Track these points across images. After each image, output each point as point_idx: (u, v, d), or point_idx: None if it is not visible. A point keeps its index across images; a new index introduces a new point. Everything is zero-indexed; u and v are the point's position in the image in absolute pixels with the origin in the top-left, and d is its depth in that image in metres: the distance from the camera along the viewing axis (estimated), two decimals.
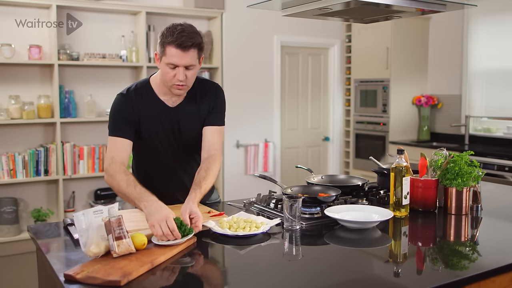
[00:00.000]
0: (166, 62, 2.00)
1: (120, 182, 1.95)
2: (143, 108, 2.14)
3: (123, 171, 1.99)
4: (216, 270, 1.63)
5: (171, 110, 2.17)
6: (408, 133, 5.81)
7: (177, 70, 2.01)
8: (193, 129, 2.22)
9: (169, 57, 1.99)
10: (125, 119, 2.11)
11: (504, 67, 5.19)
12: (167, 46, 1.98)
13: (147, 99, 2.15)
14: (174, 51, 1.97)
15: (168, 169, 2.28)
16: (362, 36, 5.90)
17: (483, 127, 5.44)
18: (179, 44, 1.96)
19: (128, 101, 2.13)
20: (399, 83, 5.67)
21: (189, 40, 1.97)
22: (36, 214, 4.36)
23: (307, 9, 2.15)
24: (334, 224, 2.00)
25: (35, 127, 4.50)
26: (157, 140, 2.19)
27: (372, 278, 1.56)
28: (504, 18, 5.18)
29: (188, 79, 2.04)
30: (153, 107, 2.15)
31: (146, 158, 2.30)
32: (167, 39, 1.98)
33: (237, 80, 5.39)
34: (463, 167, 2.14)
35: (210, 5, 5.07)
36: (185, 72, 2.02)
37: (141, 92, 2.15)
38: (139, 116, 2.13)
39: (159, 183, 2.24)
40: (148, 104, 2.15)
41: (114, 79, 4.76)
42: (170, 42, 1.96)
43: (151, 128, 2.16)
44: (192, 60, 2.01)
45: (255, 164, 5.56)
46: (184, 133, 2.21)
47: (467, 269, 1.58)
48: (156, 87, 2.17)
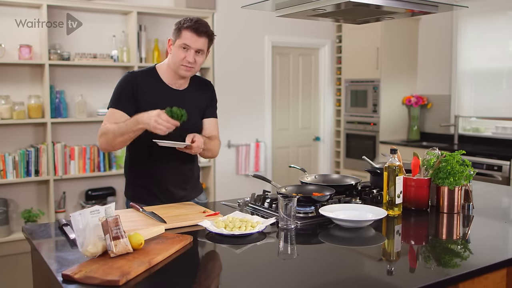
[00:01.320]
0: (180, 43, 2.21)
1: (113, 128, 2.17)
2: (148, 88, 2.29)
3: (114, 123, 2.20)
4: (213, 269, 1.64)
5: (175, 92, 2.34)
6: (398, 133, 5.85)
7: (189, 52, 2.21)
8: (194, 113, 2.35)
9: (183, 39, 2.21)
10: (127, 95, 2.26)
11: (493, 68, 5.25)
12: (183, 30, 2.21)
13: (153, 82, 2.32)
14: (189, 34, 2.20)
15: (164, 156, 2.33)
16: (353, 37, 5.94)
17: (472, 127, 5.50)
18: (195, 28, 2.19)
19: (133, 79, 2.29)
20: (389, 83, 5.71)
21: (203, 27, 2.22)
22: (27, 215, 4.33)
23: (301, 10, 2.16)
24: (328, 223, 2.02)
25: (26, 127, 4.47)
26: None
27: (366, 276, 1.58)
28: (492, 19, 5.24)
29: (196, 63, 2.25)
30: (158, 88, 2.32)
31: (144, 143, 2.28)
32: (184, 24, 2.21)
33: (228, 80, 5.39)
34: (455, 166, 2.17)
35: (202, 5, 5.07)
36: (195, 56, 2.22)
37: (147, 76, 2.33)
38: (143, 95, 2.27)
39: (154, 171, 2.34)
40: (154, 85, 2.31)
41: (105, 79, 4.74)
42: (187, 26, 2.20)
43: (154, 107, 2.19)
44: (203, 46, 2.23)
45: (247, 164, 5.57)
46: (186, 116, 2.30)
47: (459, 267, 1.60)
48: (162, 72, 2.35)
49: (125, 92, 2.26)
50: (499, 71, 5.20)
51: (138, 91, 2.26)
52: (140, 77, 2.30)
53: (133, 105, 2.25)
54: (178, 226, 1.96)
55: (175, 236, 1.76)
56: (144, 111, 2.17)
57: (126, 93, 2.26)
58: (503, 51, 5.17)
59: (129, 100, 2.25)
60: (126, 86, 2.27)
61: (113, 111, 2.25)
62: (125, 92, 2.26)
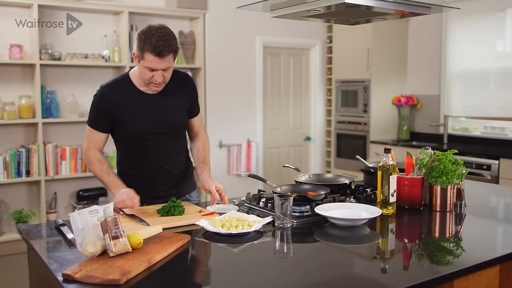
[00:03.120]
0: (145, 66, 2.14)
1: (96, 170, 2.29)
2: (123, 99, 2.26)
3: (98, 160, 2.30)
4: (211, 267, 1.65)
5: (150, 97, 2.29)
6: (388, 132, 5.90)
7: (155, 73, 2.15)
8: (175, 114, 2.35)
9: (147, 62, 2.12)
10: (101, 115, 2.27)
11: (481, 68, 5.32)
12: (145, 53, 2.10)
13: (126, 91, 2.28)
14: (152, 58, 2.10)
15: (150, 160, 2.36)
16: (343, 37, 5.98)
17: (461, 127, 5.57)
18: (157, 53, 2.08)
19: (106, 97, 2.25)
20: (379, 83, 5.76)
21: (166, 49, 2.09)
22: (18, 216, 4.31)
23: (295, 11, 2.18)
24: (323, 221, 2.04)
25: (17, 128, 4.44)
26: (139, 127, 2.29)
27: (361, 274, 1.60)
28: (480, 21, 5.30)
29: (165, 77, 2.20)
30: (133, 98, 2.27)
31: (129, 149, 2.38)
32: (145, 45, 2.09)
33: (219, 80, 5.40)
34: (448, 165, 2.21)
35: (193, 5, 5.08)
36: (163, 73, 2.17)
37: (120, 87, 2.28)
38: (120, 110, 2.25)
39: (140, 172, 2.36)
40: (128, 96, 2.27)
41: (96, 79, 4.73)
42: (148, 49, 2.08)
43: (133, 119, 2.27)
44: (169, 63, 2.16)
45: (238, 164, 5.58)
46: (167, 118, 2.32)
47: (452, 264, 1.63)
48: (136, 80, 2.29)
49: (99, 112, 2.27)
50: (488, 72, 5.26)
51: (113, 107, 2.24)
52: (113, 91, 2.26)
53: (109, 121, 2.27)
54: (175, 226, 1.97)
55: (172, 236, 1.77)
56: (123, 123, 2.25)
57: (101, 113, 2.27)
58: (491, 51, 5.24)
59: (104, 118, 2.27)
60: (98, 105, 2.27)
61: (92, 131, 2.31)
62: (98, 112, 2.27)
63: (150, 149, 2.33)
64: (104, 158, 2.34)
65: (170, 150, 2.39)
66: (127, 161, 2.40)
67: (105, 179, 2.26)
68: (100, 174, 2.28)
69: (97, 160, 2.30)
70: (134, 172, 2.37)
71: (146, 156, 2.35)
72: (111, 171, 2.29)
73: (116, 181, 2.24)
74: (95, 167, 2.29)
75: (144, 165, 2.36)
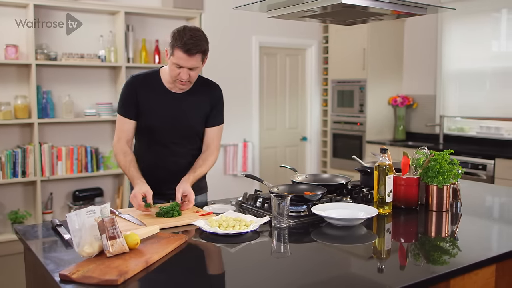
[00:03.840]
0: (173, 61, 2.22)
1: (120, 163, 2.36)
2: (148, 94, 2.35)
3: (123, 153, 2.36)
4: (208, 267, 1.65)
5: (174, 96, 2.37)
6: (384, 132, 5.92)
7: (182, 70, 2.23)
8: (192, 117, 2.41)
9: (176, 59, 2.20)
10: (129, 102, 2.36)
11: (476, 69, 5.34)
12: (175, 49, 2.19)
13: (153, 86, 2.37)
14: (181, 55, 2.18)
15: (159, 156, 2.42)
16: (339, 37, 5.99)
17: (457, 127, 5.59)
18: (186, 50, 2.16)
19: (133, 86, 2.37)
20: (375, 83, 5.77)
21: (195, 48, 2.17)
22: (13, 216, 4.29)
23: (292, 11, 2.19)
24: (320, 221, 2.05)
25: (12, 128, 4.43)
26: (155, 122, 2.36)
27: (358, 274, 1.61)
28: (476, 21, 5.32)
29: (191, 77, 2.27)
30: (158, 93, 2.36)
31: (143, 142, 2.46)
32: (176, 42, 2.18)
33: (215, 80, 5.32)
34: (444, 165, 2.21)
35: (189, 5, 5.07)
36: (189, 72, 2.24)
37: (148, 80, 2.38)
38: (143, 101, 2.35)
39: (148, 170, 2.39)
40: (154, 90, 2.36)
41: (92, 79, 4.72)
42: (178, 46, 2.17)
43: (153, 112, 2.35)
44: (196, 63, 2.23)
45: (234, 164, 5.58)
46: (183, 119, 2.38)
47: (448, 264, 1.63)
48: (164, 77, 2.38)
49: (127, 98, 2.37)
50: (483, 72, 5.29)
51: (138, 96, 2.35)
52: (142, 81, 2.37)
53: (135, 109, 2.37)
54: (172, 226, 1.97)
55: (170, 236, 1.77)
56: (143, 114, 2.35)
57: (128, 100, 2.37)
58: (486, 52, 5.26)
59: (131, 106, 2.37)
60: (127, 92, 2.38)
61: (121, 119, 2.39)
62: (127, 98, 2.37)
63: (161, 146, 2.41)
64: (129, 150, 2.39)
65: (180, 152, 2.43)
66: (140, 154, 2.46)
67: (127, 173, 2.32)
68: (123, 166, 2.34)
69: (123, 152, 2.36)
70: (143, 166, 2.40)
71: (156, 151, 2.42)
72: (133, 164, 2.33)
73: (135, 174, 2.28)
74: (119, 158, 2.36)
75: (152, 159, 2.43)
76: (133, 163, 2.33)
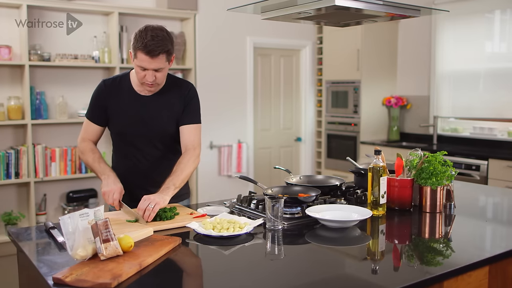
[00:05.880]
0: (137, 64, 2.18)
1: (88, 159, 2.32)
2: (117, 99, 2.33)
3: (91, 150, 2.35)
4: (202, 270, 1.65)
5: (143, 99, 2.33)
6: (378, 133, 5.93)
7: (147, 72, 2.17)
8: (162, 119, 2.34)
9: (139, 61, 2.15)
10: (98, 106, 2.35)
11: (469, 69, 5.36)
12: (137, 51, 2.14)
13: (122, 90, 2.34)
14: (143, 57, 2.13)
15: (133, 160, 2.39)
16: (333, 38, 6.00)
17: (451, 127, 5.61)
18: (148, 51, 2.11)
19: (103, 90, 2.35)
20: (369, 84, 5.79)
21: (157, 49, 2.11)
22: (7, 218, 4.27)
23: (286, 13, 2.19)
24: (314, 223, 2.05)
25: (5, 129, 4.40)
26: (124, 126, 2.34)
27: (351, 275, 1.61)
28: (469, 22, 5.35)
29: (157, 79, 2.21)
30: (127, 97, 2.33)
31: (117, 146, 2.45)
32: (137, 44, 2.13)
33: (210, 81, 5.40)
34: (437, 166, 2.22)
35: (183, 6, 5.06)
36: (155, 74, 2.19)
37: (118, 83, 2.35)
38: (112, 106, 2.32)
39: (123, 174, 2.33)
40: (122, 94, 2.33)
41: (86, 80, 4.70)
42: (139, 48, 2.12)
43: (122, 117, 2.33)
44: (161, 64, 2.17)
45: (229, 165, 5.58)
46: (154, 122, 2.33)
47: (441, 265, 1.64)
48: (134, 79, 2.35)
49: (96, 103, 2.36)
50: (476, 73, 5.31)
51: (107, 101, 2.33)
52: (110, 86, 2.35)
53: (103, 114, 2.35)
54: (166, 228, 1.96)
55: (163, 238, 1.77)
56: (113, 119, 2.33)
57: (97, 104, 2.36)
58: (479, 53, 5.28)
59: (100, 110, 2.35)
60: (96, 97, 2.37)
61: (88, 123, 2.39)
62: (96, 103, 2.36)
63: (134, 149, 2.37)
64: (96, 149, 2.38)
65: (155, 155, 2.38)
66: (115, 157, 2.47)
67: (96, 167, 2.29)
68: (91, 162, 2.31)
69: (90, 149, 2.35)
70: (119, 172, 2.32)
71: (130, 156, 2.39)
72: (102, 159, 2.32)
73: (106, 168, 2.27)
74: (87, 156, 2.33)
75: (127, 164, 2.40)
76: (102, 158, 2.33)
